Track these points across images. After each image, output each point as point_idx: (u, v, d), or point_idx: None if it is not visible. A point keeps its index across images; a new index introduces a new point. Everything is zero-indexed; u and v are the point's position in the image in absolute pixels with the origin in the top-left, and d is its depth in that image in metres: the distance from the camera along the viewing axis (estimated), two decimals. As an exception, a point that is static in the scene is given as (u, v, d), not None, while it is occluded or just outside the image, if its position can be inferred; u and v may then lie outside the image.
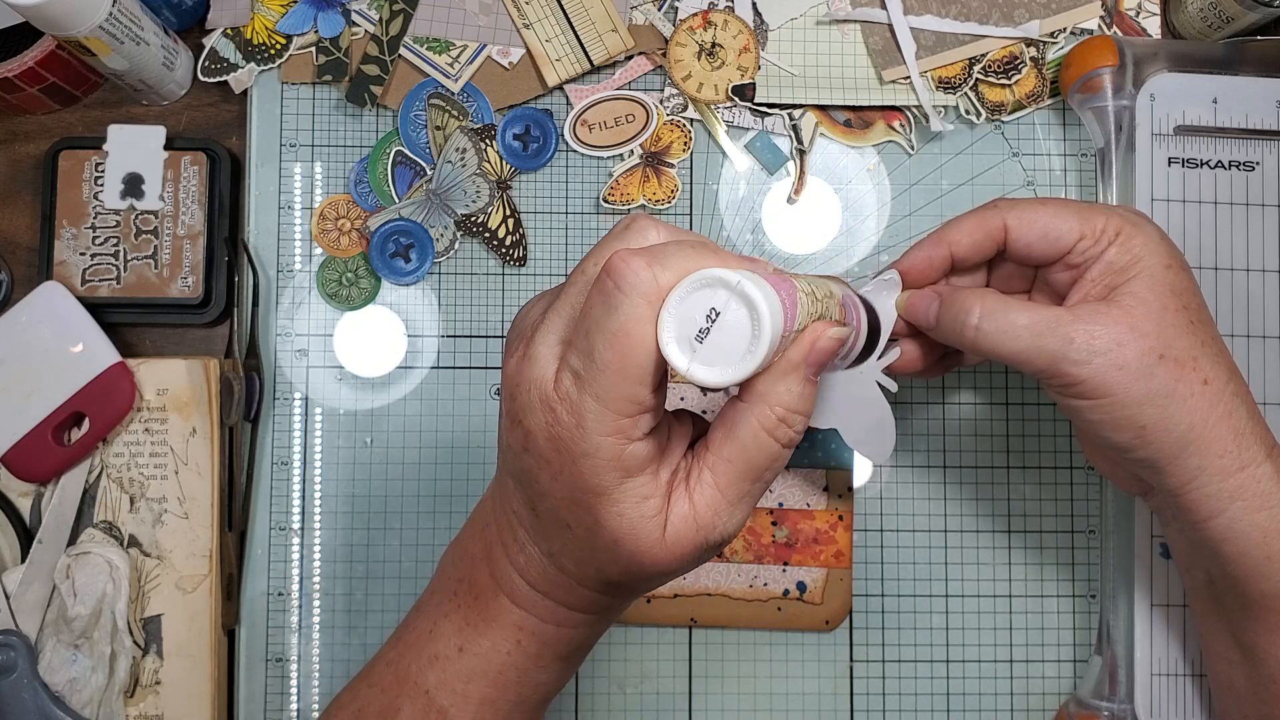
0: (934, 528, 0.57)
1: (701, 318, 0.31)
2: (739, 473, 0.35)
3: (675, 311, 0.31)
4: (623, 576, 0.36)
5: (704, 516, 0.35)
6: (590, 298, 0.33)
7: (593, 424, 0.33)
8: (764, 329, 0.31)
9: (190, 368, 0.55)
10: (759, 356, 0.31)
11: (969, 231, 0.45)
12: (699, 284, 0.31)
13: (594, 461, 0.33)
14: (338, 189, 0.58)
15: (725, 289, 0.31)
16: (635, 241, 0.35)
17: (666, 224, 0.36)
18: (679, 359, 0.31)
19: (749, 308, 0.31)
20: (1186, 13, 0.58)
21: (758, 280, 0.31)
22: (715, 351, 0.31)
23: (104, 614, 0.53)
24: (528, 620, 0.38)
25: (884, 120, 0.59)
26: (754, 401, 0.35)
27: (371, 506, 0.57)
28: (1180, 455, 0.42)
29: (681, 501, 0.35)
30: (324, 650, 0.56)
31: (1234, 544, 0.43)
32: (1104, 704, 0.54)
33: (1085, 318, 0.42)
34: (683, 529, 0.35)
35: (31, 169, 0.59)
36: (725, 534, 0.36)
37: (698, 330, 0.31)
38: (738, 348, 0.31)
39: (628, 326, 0.32)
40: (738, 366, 0.31)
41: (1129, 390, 0.41)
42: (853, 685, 0.57)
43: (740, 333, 0.31)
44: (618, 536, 0.35)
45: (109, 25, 0.50)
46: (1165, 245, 0.44)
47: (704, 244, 0.34)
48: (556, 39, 0.58)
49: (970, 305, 0.43)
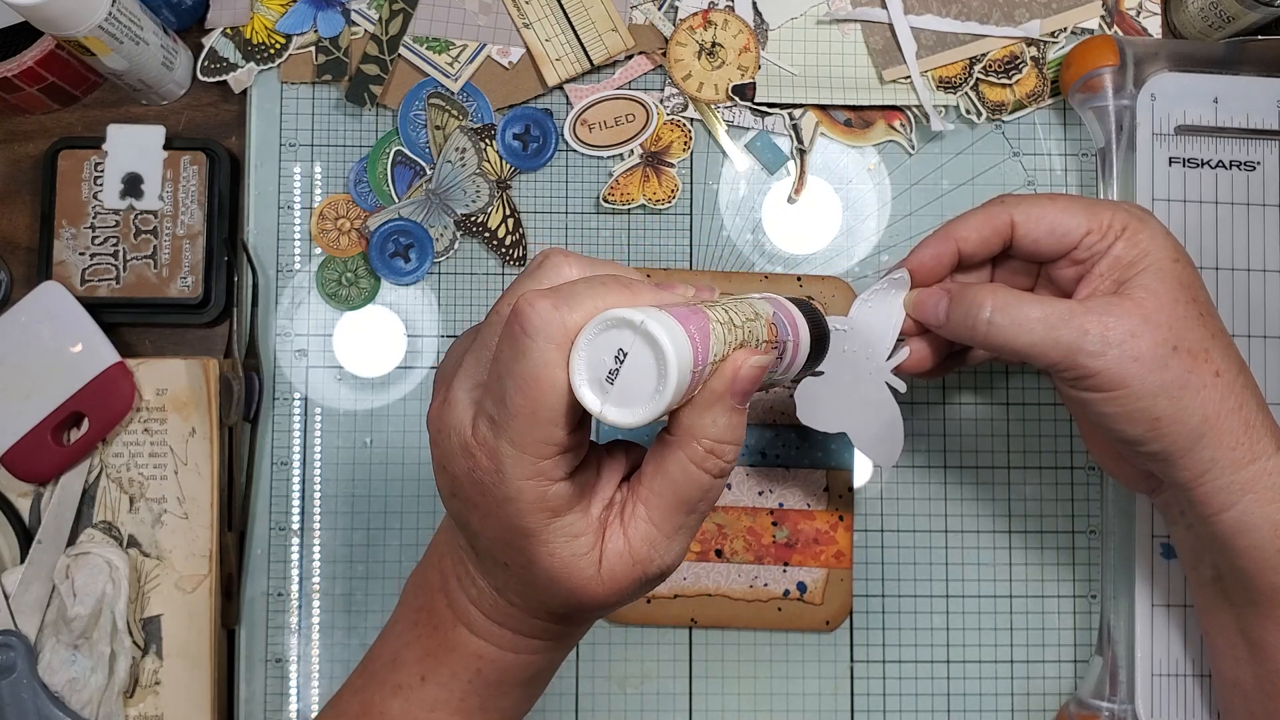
0: (934, 528, 0.57)
1: (610, 359, 0.31)
2: (671, 506, 0.35)
3: (585, 353, 0.31)
4: (566, 609, 0.37)
5: (640, 551, 0.35)
6: (500, 342, 0.32)
7: (511, 469, 0.33)
8: (669, 368, 0.30)
9: (190, 368, 0.55)
10: (667, 396, 0.31)
11: (976, 227, 0.45)
12: (605, 325, 0.31)
13: (517, 505, 0.33)
14: (337, 189, 0.58)
15: (630, 329, 0.31)
16: (548, 279, 0.34)
17: (581, 258, 0.35)
18: (592, 401, 0.31)
19: (653, 347, 0.31)
20: (1187, 12, 0.58)
21: (662, 318, 0.31)
22: (626, 392, 0.31)
23: (103, 614, 0.53)
24: (487, 649, 0.38)
25: (884, 120, 0.59)
26: (681, 435, 0.35)
27: (371, 507, 0.57)
28: (1193, 448, 0.42)
29: (616, 537, 0.35)
30: (323, 650, 0.56)
31: (1245, 537, 0.43)
32: (1104, 704, 0.54)
33: (1099, 310, 0.42)
34: (618, 564, 0.35)
35: (31, 169, 0.59)
36: (664, 566, 0.36)
37: (608, 371, 0.31)
38: (647, 387, 0.31)
39: (536, 371, 0.31)
40: (648, 406, 0.31)
41: (1144, 382, 0.41)
42: (853, 685, 0.57)
43: (648, 372, 0.31)
44: (552, 575, 0.35)
45: (108, 25, 0.50)
46: (1171, 240, 0.44)
47: (615, 279, 0.33)
48: (556, 38, 0.58)
49: (982, 300, 0.43)
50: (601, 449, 0.38)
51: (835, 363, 0.47)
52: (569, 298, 0.32)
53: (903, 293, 0.47)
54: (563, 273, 0.34)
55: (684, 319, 0.32)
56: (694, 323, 0.32)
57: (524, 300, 0.32)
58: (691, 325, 0.32)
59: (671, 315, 0.32)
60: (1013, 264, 0.48)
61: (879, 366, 0.47)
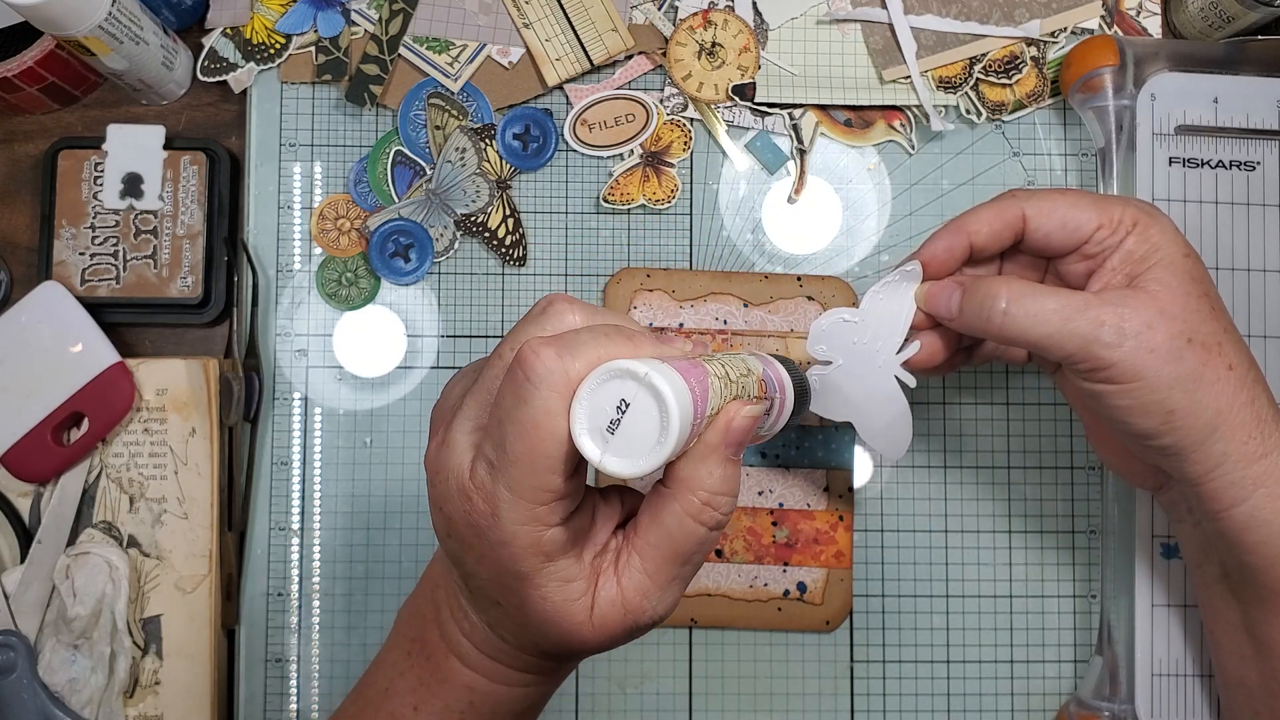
0: (934, 528, 0.57)
1: (612, 409, 0.31)
2: (666, 558, 0.35)
3: (586, 403, 0.32)
4: (556, 650, 0.37)
5: (632, 601, 0.36)
6: (502, 387, 0.33)
7: (507, 513, 0.33)
8: (671, 420, 0.31)
9: (190, 368, 0.55)
10: (668, 447, 0.31)
11: (988, 221, 0.45)
12: (608, 375, 0.31)
13: (512, 549, 0.34)
14: (337, 189, 0.58)
15: (633, 380, 0.31)
16: (552, 326, 0.34)
17: (585, 304, 0.35)
18: (591, 450, 0.31)
19: (656, 399, 0.31)
20: (1187, 12, 0.58)
21: (665, 371, 0.31)
22: (627, 442, 0.31)
23: (103, 614, 0.53)
24: (479, 681, 0.39)
25: (884, 120, 0.59)
26: (676, 487, 0.35)
27: (371, 507, 0.57)
28: (1206, 441, 0.42)
29: (609, 585, 0.36)
30: (323, 650, 0.56)
31: (1255, 532, 0.43)
32: (1105, 704, 0.54)
33: (1114, 301, 0.42)
34: (610, 612, 0.35)
35: (31, 169, 0.59)
36: (655, 616, 0.36)
37: (609, 421, 0.31)
38: (648, 438, 0.31)
39: (537, 418, 0.32)
40: (648, 457, 0.31)
41: (1159, 373, 0.41)
42: (853, 685, 0.57)
43: (649, 423, 0.31)
44: (544, 617, 0.35)
45: (108, 25, 0.50)
46: (1181, 236, 0.44)
47: (618, 329, 0.34)
48: (556, 38, 0.58)
49: (997, 291, 0.43)
50: (596, 494, 0.38)
51: (845, 354, 0.47)
52: (573, 346, 0.32)
53: (914, 285, 0.47)
54: (566, 320, 0.35)
55: (685, 372, 0.32)
56: (694, 376, 0.33)
57: (528, 347, 0.32)
58: (692, 378, 0.33)
59: (672, 368, 0.32)
60: (1021, 259, 0.48)
61: (889, 359, 0.47)
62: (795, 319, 0.56)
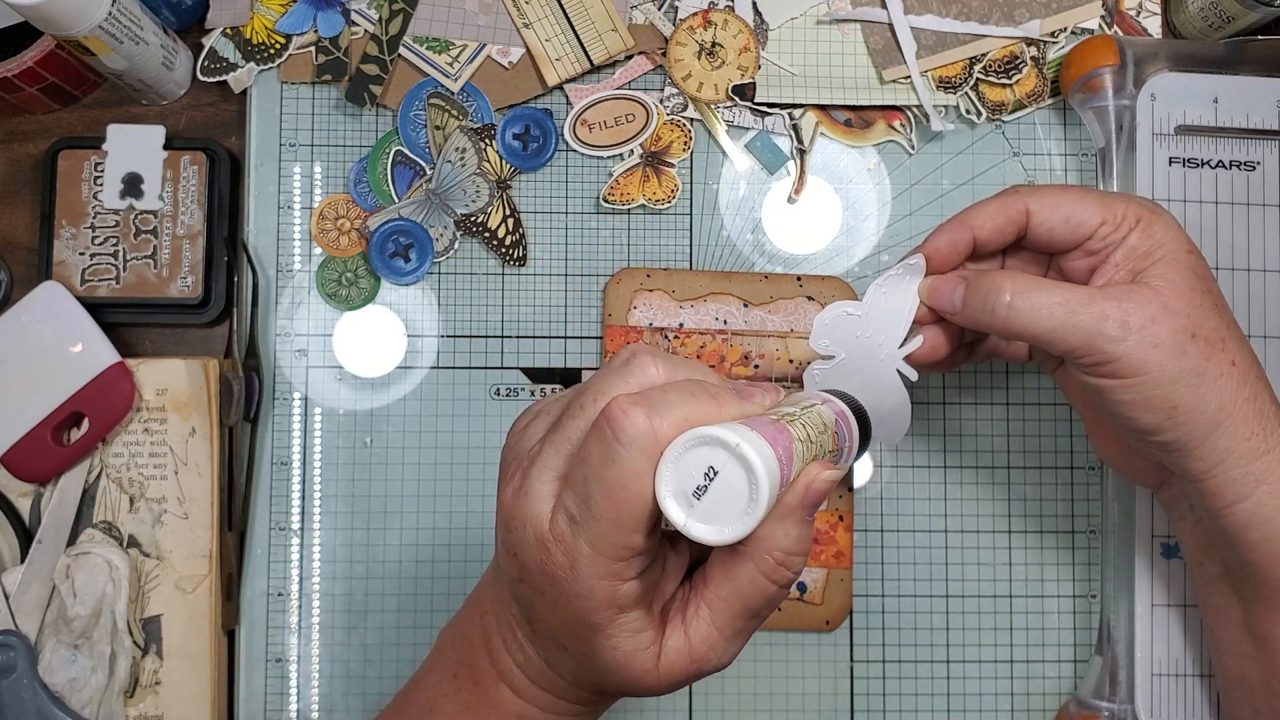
0: (934, 528, 0.57)
1: (699, 475, 0.32)
2: (736, 613, 0.36)
3: (674, 466, 0.32)
4: (618, 692, 0.38)
5: (699, 651, 0.36)
6: (589, 443, 0.33)
7: (586, 568, 0.33)
8: (761, 491, 0.31)
9: (190, 368, 0.55)
10: (757, 517, 0.31)
11: (991, 215, 0.45)
12: (698, 441, 0.31)
13: (588, 602, 0.34)
14: (337, 189, 0.58)
15: (724, 449, 0.31)
16: (635, 380, 0.35)
17: (666, 356, 0.35)
18: (677, 514, 0.32)
19: (746, 470, 0.31)
20: (1187, 12, 0.58)
21: (755, 441, 0.31)
22: (713, 509, 0.32)
23: (104, 614, 0.53)
24: (530, 710, 0.39)
25: (884, 120, 0.59)
26: (752, 546, 0.35)
27: (371, 506, 0.57)
28: (1209, 437, 0.42)
29: (677, 634, 0.36)
30: (323, 650, 0.56)
31: (1258, 529, 0.43)
32: (1104, 704, 0.54)
33: (1119, 296, 0.42)
34: (676, 660, 0.36)
35: (31, 169, 0.59)
36: (719, 665, 0.37)
37: (695, 486, 0.32)
38: (736, 506, 0.31)
39: (625, 479, 0.32)
40: (735, 525, 0.32)
41: (1163, 368, 0.41)
42: (853, 685, 0.57)
43: (738, 492, 0.31)
44: (612, 665, 0.35)
45: (108, 25, 0.50)
46: (1183, 233, 0.44)
47: (702, 386, 0.34)
48: (556, 38, 0.58)
49: (1001, 284, 0.43)
50: (666, 543, 0.38)
51: (848, 348, 0.48)
52: (660, 406, 0.32)
53: (917, 279, 0.47)
54: (649, 373, 0.35)
55: (772, 439, 0.33)
56: (780, 443, 0.33)
57: (617, 405, 0.32)
58: (779, 446, 0.33)
59: (761, 435, 0.32)
60: (1024, 255, 0.48)
61: (891, 353, 0.47)
62: (795, 319, 0.56)
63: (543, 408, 0.38)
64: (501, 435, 0.57)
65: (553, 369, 0.58)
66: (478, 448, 0.57)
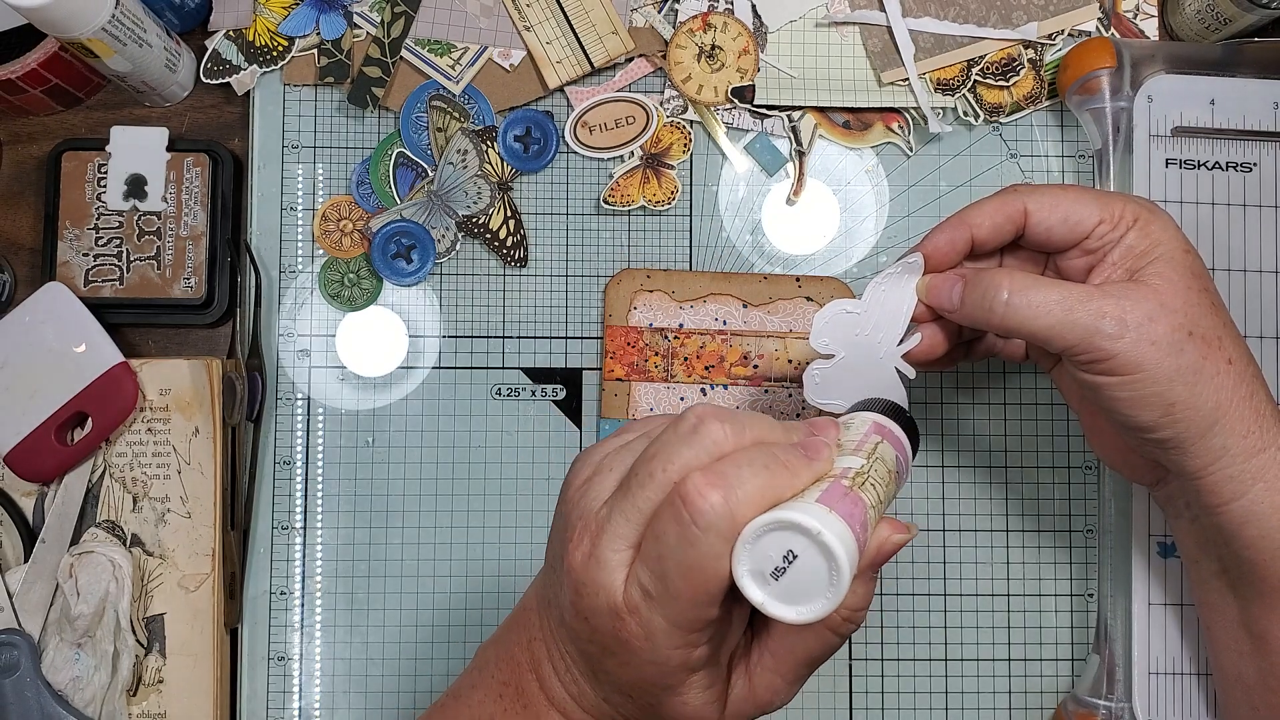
0: (932, 526, 0.58)
1: (778, 556, 0.32)
2: (799, 660, 0.37)
3: (751, 548, 0.32)
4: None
5: (762, 697, 0.37)
6: (664, 523, 0.33)
7: (662, 639, 0.34)
8: (844, 577, 0.31)
9: (193, 368, 0.55)
10: (838, 598, 0.32)
11: (990, 215, 0.45)
12: (776, 525, 0.32)
13: (662, 668, 0.34)
14: (340, 190, 0.58)
15: (803, 536, 0.31)
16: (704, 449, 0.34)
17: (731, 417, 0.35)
18: (756, 594, 0.32)
19: (827, 557, 0.31)
20: (1184, 14, 0.59)
21: (834, 525, 0.32)
22: (792, 589, 0.32)
23: (107, 613, 0.53)
24: None
25: (882, 122, 0.59)
26: None
27: (373, 506, 0.57)
28: (1206, 434, 0.42)
29: (741, 681, 0.37)
30: (326, 649, 0.56)
31: (1254, 527, 0.43)
32: (1101, 702, 0.54)
33: (1116, 294, 0.42)
34: (741, 706, 0.37)
35: (35, 170, 0.59)
36: (780, 705, 0.38)
37: (774, 568, 0.32)
38: (816, 588, 0.32)
39: (704, 563, 0.32)
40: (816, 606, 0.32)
41: (1160, 365, 0.41)
42: (851, 683, 0.57)
43: (818, 574, 0.32)
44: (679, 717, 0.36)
45: (111, 27, 0.51)
46: (1180, 232, 0.44)
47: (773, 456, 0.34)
48: (557, 41, 0.58)
49: (999, 282, 0.43)
50: None
51: (847, 346, 0.48)
52: (735, 484, 0.32)
53: (915, 277, 0.47)
54: (716, 439, 0.34)
55: (849, 516, 0.33)
56: (856, 519, 0.33)
57: (694, 488, 0.32)
58: (856, 523, 0.33)
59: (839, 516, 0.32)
60: (1022, 254, 0.48)
61: (890, 351, 0.47)
62: (794, 319, 0.57)
63: (604, 460, 0.37)
64: (502, 435, 0.58)
65: (553, 369, 0.58)
66: (479, 447, 0.58)
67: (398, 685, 0.56)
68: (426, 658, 0.56)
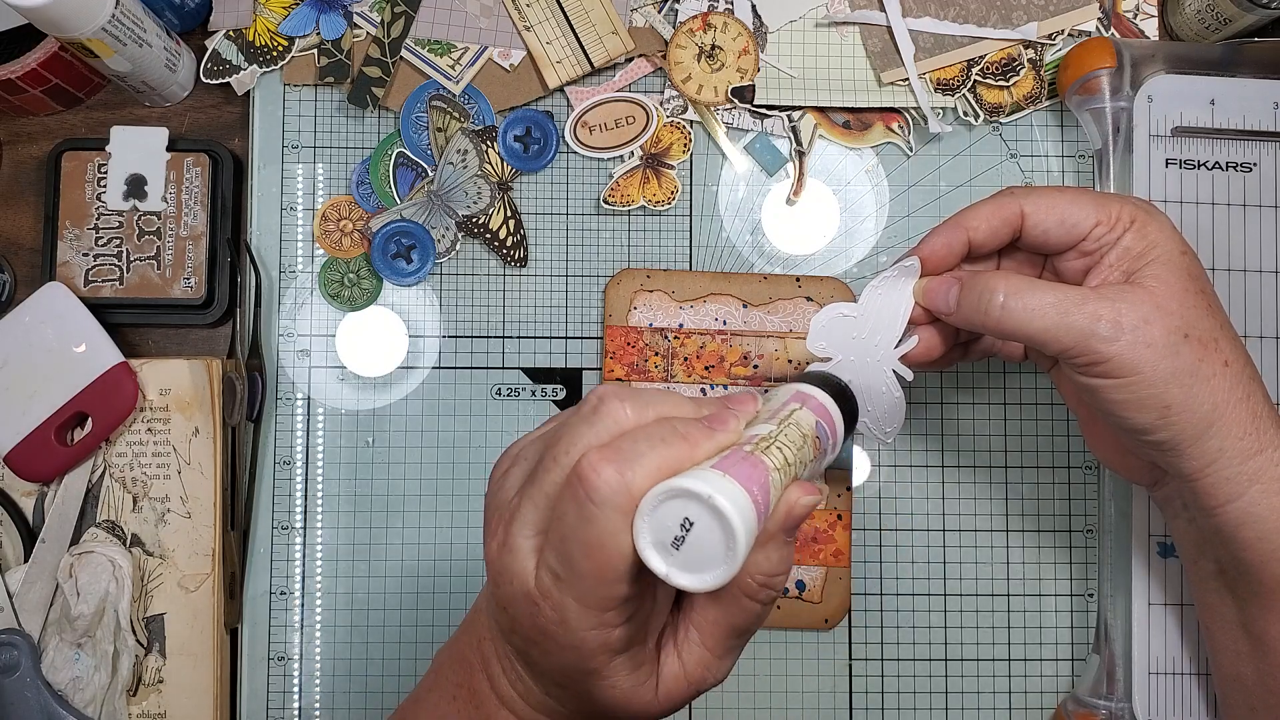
0: (932, 526, 0.58)
1: (676, 526, 0.32)
2: (724, 632, 0.37)
3: (650, 519, 0.32)
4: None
5: (694, 673, 0.37)
6: (564, 503, 0.33)
7: (576, 621, 0.34)
8: (738, 540, 0.31)
9: (193, 368, 0.55)
10: (737, 563, 0.31)
11: (987, 217, 0.45)
12: (670, 494, 0.31)
13: (581, 651, 0.34)
14: (340, 190, 0.58)
15: (696, 501, 0.31)
16: (604, 427, 0.34)
17: (634, 396, 0.35)
18: (658, 565, 0.32)
19: (720, 521, 0.31)
20: (1184, 14, 0.59)
21: (727, 488, 0.31)
22: (693, 557, 0.32)
23: (107, 613, 0.53)
24: None
25: (882, 122, 0.59)
26: None
27: (373, 505, 0.57)
28: (1202, 436, 0.42)
29: (671, 660, 0.37)
30: (326, 648, 0.56)
31: (1251, 528, 0.43)
32: (1101, 702, 0.54)
33: (1112, 296, 0.42)
34: (674, 685, 0.37)
35: (34, 170, 0.59)
36: (716, 681, 0.38)
37: (674, 537, 0.32)
38: (715, 554, 0.31)
39: (603, 538, 0.32)
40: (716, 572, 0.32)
41: (1156, 368, 0.41)
42: (851, 684, 0.57)
43: (716, 540, 0.31)
44: (613, 703, 0.36)
45: (111, 27, 0.51)
46: (1177, 233, 0.44)
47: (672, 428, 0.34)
48: (557, 41, 0.58)
49: (995, 285, 0.43)
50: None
51: (844, 349, 0.48)
52: (631, 458, 0.32)
53: (912, 280, 0.47)
54: (618, 418, 0.34)
55: (746, 479, 0.32)
56: (755, 481, 0.33)
57: (588, 464, 0.32)
58: (754, 485, 0.33)
59: (734, 479, 0.32)
60: (1019, 256, 0.48)
61: (887, 354, 0.47)
62: (794, 319, 0.57)
63: (520, 452, 0.38)
64: (502, 435, 0.58)
65: (553, 369, 0.58)
66: (479, 447, 0.58)
67: (397, 685, 0.56)
68: (426, 658, 0.56)
